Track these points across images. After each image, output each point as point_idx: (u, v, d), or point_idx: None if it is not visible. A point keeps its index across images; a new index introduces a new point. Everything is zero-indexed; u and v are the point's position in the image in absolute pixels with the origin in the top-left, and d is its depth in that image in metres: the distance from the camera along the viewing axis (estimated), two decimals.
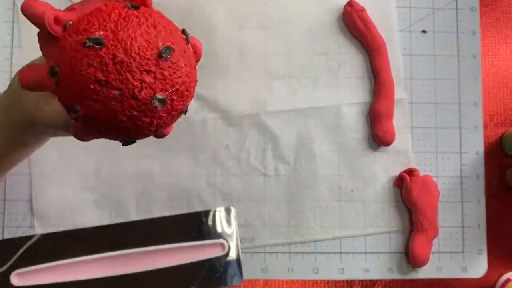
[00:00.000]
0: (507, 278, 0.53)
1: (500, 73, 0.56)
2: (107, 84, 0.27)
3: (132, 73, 0.27)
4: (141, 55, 0.27)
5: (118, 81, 0.27)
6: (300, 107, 0.54)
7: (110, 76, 0.27)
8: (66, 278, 0.48)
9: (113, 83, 0.27)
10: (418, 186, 0.52)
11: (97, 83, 0.27)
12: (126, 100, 0.27)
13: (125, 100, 0.27)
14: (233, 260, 0.50)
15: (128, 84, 0.27)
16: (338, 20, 0.55)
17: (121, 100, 0.27)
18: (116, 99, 0.27)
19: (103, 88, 0.27)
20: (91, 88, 0.27)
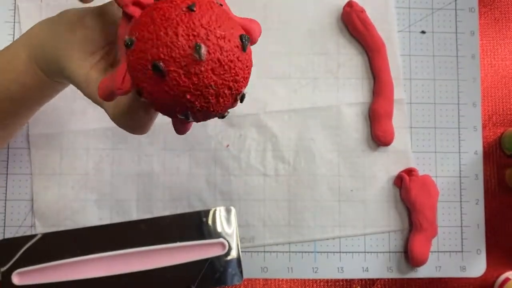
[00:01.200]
0: (506, 278, 0.53)
1: (499, 73, 0.56)
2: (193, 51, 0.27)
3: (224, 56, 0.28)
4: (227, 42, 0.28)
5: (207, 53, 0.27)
6: (300, 107, 0.54)
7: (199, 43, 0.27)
8: (67, 277, 0.48)
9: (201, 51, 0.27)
10: (417, 186, 0.52)
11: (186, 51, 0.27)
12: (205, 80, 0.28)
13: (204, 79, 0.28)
14: (233, 260, 0.50)
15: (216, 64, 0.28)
16: (337, 21, 0.55)
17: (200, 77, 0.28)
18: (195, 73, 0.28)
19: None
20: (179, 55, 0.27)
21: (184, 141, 0.53)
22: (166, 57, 0.27)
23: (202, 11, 0.28)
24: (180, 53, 0.27)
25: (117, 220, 0.52)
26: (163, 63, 0.27)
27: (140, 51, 0.28)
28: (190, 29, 0.27)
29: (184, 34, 0.27)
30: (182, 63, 0.27)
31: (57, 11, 0.53)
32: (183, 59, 0.27)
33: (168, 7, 0.28)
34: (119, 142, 0.53)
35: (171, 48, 0.27)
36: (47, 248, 0.48)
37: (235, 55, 0.29)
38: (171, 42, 0.27)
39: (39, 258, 0.48)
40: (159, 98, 0.29)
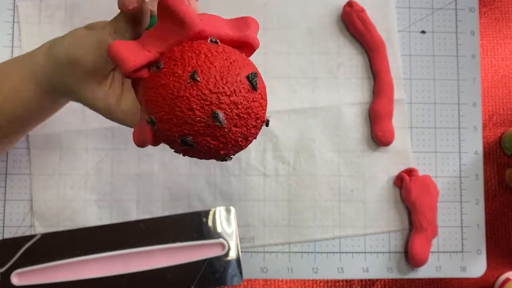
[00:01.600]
0: (506, 278, 0.53)
1: (499, 73, 0.56)
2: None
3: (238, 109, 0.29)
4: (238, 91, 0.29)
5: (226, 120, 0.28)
6: (300, 107, 0.54)
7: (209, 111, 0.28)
8: (66, 277, 0.48)
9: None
10: (418, 186, 0.52)
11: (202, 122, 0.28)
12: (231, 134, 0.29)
13: (229, 134, 0.29)
14: (233, 260, 0.50)
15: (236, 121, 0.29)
16: (337, 21, 0.55)
17: (225, 134, 0.29)
18: (222, 135, 0.29)
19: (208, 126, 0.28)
20: (197, 127, 0.28)
21: None
22: (191, 132, 0.28)
23: (205, 75, 0.28)
24: (202, 126, 0.28)
25: (117, 220, 0.52)
26: (190, 138, 0.28)
27: (164, 130, 0.29)
28: (202, 100, 0.27)
29: (199, 107, 0.27)
30: (207, 132, 0.28)
31: (56, 11, 0.53)
32: (206, 129, 0.28)
33: (172, 82, 0.28)
34: (119, 142, 0.53)
35: (192, 124, 0.28)
36: (47, 249, 0.48)
37: (250, 100, 0.29)
38: (189, 118, 0.28)
39: (38, 258, 0.48)
40: (197, 156, 0.31)
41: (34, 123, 0.43)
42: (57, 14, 0.53)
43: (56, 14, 0.53)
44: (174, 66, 0.28)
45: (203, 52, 0.28)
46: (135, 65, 0.30)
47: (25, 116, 0.41)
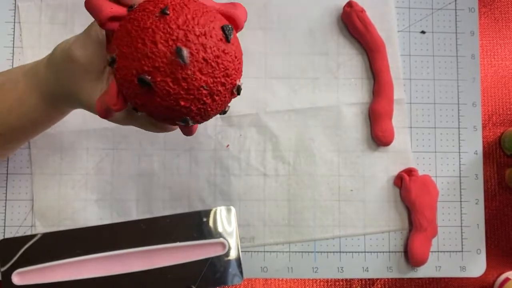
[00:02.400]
0: (506, 277, 0.53)
1: (499, 73, 0.56)
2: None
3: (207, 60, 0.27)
4: (213, 37, 0.27)
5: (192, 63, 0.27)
6: (300, 107, 0.54)
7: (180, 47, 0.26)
8: (67, 277, 0.48)
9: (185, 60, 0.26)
10: (417, 186, 0.52)
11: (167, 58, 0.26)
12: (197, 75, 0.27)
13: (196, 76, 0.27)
14: (233, 260, 0.50)
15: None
16: (337, 21, 0.55)
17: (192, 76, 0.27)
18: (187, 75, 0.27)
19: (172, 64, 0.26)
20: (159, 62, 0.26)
21: (184, 141, 0.53)
22: (150, 69, 0.26)
23: (177, 12, 0.27)
24: (163, 61, 0.26)
25: (117, 220, 0.52)
26: (148, 75, 0.26)
27: (123, 68, 0.27)
28: (167, 34, 0.26)
29: (163, 41, 0.26)
30: (168, 71, 0.26)
31: (57, 11, 0.53)
32: (167, 66, 0.26)
33: (141, 16, 0.27)
34: (119, 142, 0.53)
35: (152, 58, 0.26)
36: (47, 248, 0.48)
37: (220, 49, 0.27)
38: (151, 52, 0.26)
39: (39, 258, 0.48)
40: (154, 110, 0.28)
41: (37, 132, 0.44)
42: (58, 15, 0.53)
43: (57, 15, 0.53)
44: (147, 3, 0.27)
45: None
46: (112, 12, 0.28)
47: (28, 126, 0.41)
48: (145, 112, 0.29)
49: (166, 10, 0.26)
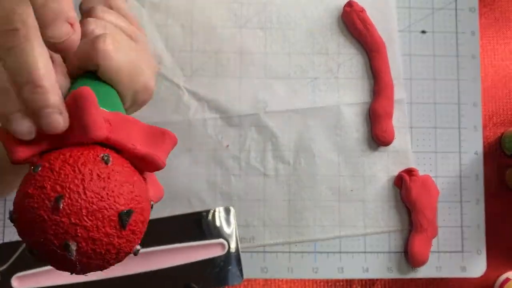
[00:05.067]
0: (506, 278, 0.53)
1: (499, 73, 0.56)
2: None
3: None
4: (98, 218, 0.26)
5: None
6: (300, 107, 0.54)
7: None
8: (66, 280, 0.48)
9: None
10: (418, 186, 0.52)
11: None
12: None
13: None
14: (233, 260, 0.50)
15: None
16: (337, 21, 0.55)
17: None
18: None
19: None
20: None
21: (183, 141, 0.53)
22: (41, 251, 0.26)
23: (70, 204, 0.25)
24: (52, 250, 0.25)
25: None
26: (38, 253, 0.26)
27: (20, 232, 0.27)
28: (58, 227, 0.25)
29: (52, 233, 0.25)
30: (55, 257, 0.26)
31: None
32: (55, 254, 0.25)
33: (37, 196, 0.26)
34: None
35: (43, 245, 0.25)
36: None
37: (113, 237, 0.26)
38: (42, 240, 0.25)
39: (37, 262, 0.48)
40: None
41: None
42: None
43: None
44: (47, 179, 0.26)
45: (82, 173, 0.26)
46: (23, 156, 0.27)
47: None
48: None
49: (60, 202, 0.25)
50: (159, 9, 0.54)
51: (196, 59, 0.54)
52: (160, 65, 0.53)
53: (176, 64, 0.54)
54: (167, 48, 0.54)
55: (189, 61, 0.54)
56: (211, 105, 0.53)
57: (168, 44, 0.54)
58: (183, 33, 0.54)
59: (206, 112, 0.53)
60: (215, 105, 0.53)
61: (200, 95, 0.53)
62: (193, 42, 0.54)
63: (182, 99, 0.53)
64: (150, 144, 0.29)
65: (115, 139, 0.27)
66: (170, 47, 0.54)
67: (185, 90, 0.53)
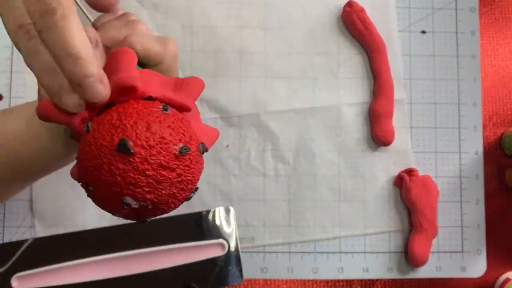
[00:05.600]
0: (506, 278, 0.53)
1: (499, 73, 0.56)
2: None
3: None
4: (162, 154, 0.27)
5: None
6: (300, 107, 0.54)
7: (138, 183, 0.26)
8: (66, 280, 0.48)
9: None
10: (418, 186, 0.52)
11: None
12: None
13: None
14: (233, 260, 0.50)
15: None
16: (337, 21, 0.55)
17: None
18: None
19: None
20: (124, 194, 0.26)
21: None
22: (95, 185, 0.26)
23: (136, 144, 0.25)
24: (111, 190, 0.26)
25: (117, 221, 0.51)
26: (90, 187, 0.26)
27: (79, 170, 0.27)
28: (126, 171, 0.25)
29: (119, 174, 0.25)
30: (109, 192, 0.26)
31: None
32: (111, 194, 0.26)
33: (100, 143, 0.25)
34: None
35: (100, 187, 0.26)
36: (46, 252, 0.48)
37: (172, 173, 0.28)
38: (107, 184, 0.26)
39: (38, 262, 0.48)
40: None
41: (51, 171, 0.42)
42: None
43: None
44: (105, 122, 0.26)
45: (143, 118, 0.26)
46: (79, 120, 0.27)
47: (51, 169, 0.40)
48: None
49: (127, 146, 0.25)
50: (159, 9, 0.54)
51: (196, 59, 0.54)
52: None
53: None
54: None
55: (189, 61, 0.54)
56: (211, 105, 0.53)
57: None
58: (183, 33, 0.54)
59: (206, 112, 0.53)
60: (215, 105, 0.53)
61: (200, 95, 0.53)
62: (193, 42, 0.54)
63: None
64: (176, 90, 0.31)
65: (152, 91, 0.29)
66: None
67: None
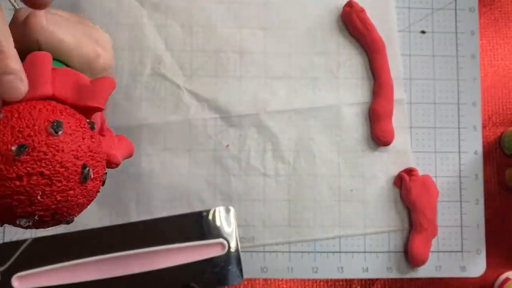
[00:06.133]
0: (506, 277, 0.53)
1: (499, 73, 0.56)
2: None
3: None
4: None
5: None
6: (300, 107, 0.54)
7: None
8: (66, 280, 0.48)
9: None
10: (417, 186, 0.52)
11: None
12: None
13: None
14: (233, 260, 0.50)
15: None
16: (337, 21, 0.55)
17: None
18: None
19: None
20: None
21: (184, 141, 0.53)
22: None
23: (31, 150, 0.24)
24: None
25: (117, 220, 0.52)
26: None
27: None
28: (18, 174, 0.24)
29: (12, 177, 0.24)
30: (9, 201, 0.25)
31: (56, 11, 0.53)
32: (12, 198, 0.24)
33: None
34: None
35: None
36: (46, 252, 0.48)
37: (71, 192, 0.26)
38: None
39: (37, 262, 0.48)
40: None
41: None
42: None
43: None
44: (6, 126, 0.25)
45: (39, 123, 0.25)
46: None
47: None
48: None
49: (21, 150, 0.24)
50: (159, 9, 0.54)
51: (196, 59, 0.54)
52: (160, 65, 0.53)
53: (176, 64, 0.54)
54: (167, 48, 0.54)
55: (189, 61, 0.54)
56: (211, 105, 0.54)
57: (168, 44, 0.54)
58: (183, 33, 0.54)
59: (206, 112, 0.53)
60: (215, 105, 0.53)
61: (200, 95, 0.53)
62: (193, 42, 0.54)
63: (182, 99, 0.53)
64: (85, 93, 0.29)
65: (59, 94, 0.28)
66: (170, 47, 0.54)
67: (185, 90, 0.53)
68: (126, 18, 0.54)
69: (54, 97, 0.28)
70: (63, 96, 0.28)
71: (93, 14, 0.52)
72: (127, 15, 0.54)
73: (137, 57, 0.53)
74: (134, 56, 0.53)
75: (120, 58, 0.53)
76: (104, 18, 0.53)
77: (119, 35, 0.53)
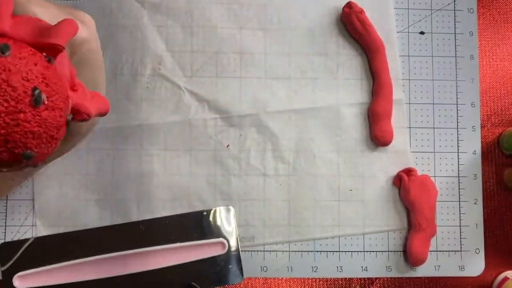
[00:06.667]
0: (504, 277, 0.53)
1: (498, 74, 0.57)
2: None
3: None
4: None
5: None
6: (300, 107, 0.54)
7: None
8: (67, 279, 0.48)
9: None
10: (416, 186, 0.52)
11: None
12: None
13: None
14: (233, 259, 0.50)
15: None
16: (337, 22, 0.56)
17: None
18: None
19: None
20: None
21: (184, 141, 0.53)
22: None
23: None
24: None
25: (118, 220, 0.52)
26: None
27: None
28: None
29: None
30: None
31: None
32: None
33: None
34: (120, 142, 0.53)
35: None
36: (47, 251, 0.49)
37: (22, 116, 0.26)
38: None
39: (38, 261, 0.48)
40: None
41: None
42: None
43: None
44: None
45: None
46: None
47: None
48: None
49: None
50: (159, 10, 0.54)
51: (196, 59, 0.54)
52: (161, 65, 0.54)
53: (176, 65, 0.54)
54: (167, 48, 0.54)
55: (189, 61, 0.54)
56: (211, 105, 0.54)
57: (168, 44, 0.54)
58: (183, 34, 0.54)
59: (206, 112, 0.54)
60: (215, 105, 0.54)
61: (200, 96, 0.54)
62: (193, 42, 0.54)
63: (182, 99, 0.54)
64: (45, 32, 0.29)
65: (16, 34, 0.28)
66: (170, 48, 0.54)
67: (185, 91, 0.54)
68: (126, 19, 0.54)
69: (10, 35, 0.28)
70: (20, 36, 0.28)
71: (93, 14, 0.52)
72: (128, 16, 0.54)
73: (138, 58, 0.54)
74: (135, 56, 0.53)
75: (121, 59, 0.53)
76: (105, 19, 0.53)
77: (119, 36, 0.53)
